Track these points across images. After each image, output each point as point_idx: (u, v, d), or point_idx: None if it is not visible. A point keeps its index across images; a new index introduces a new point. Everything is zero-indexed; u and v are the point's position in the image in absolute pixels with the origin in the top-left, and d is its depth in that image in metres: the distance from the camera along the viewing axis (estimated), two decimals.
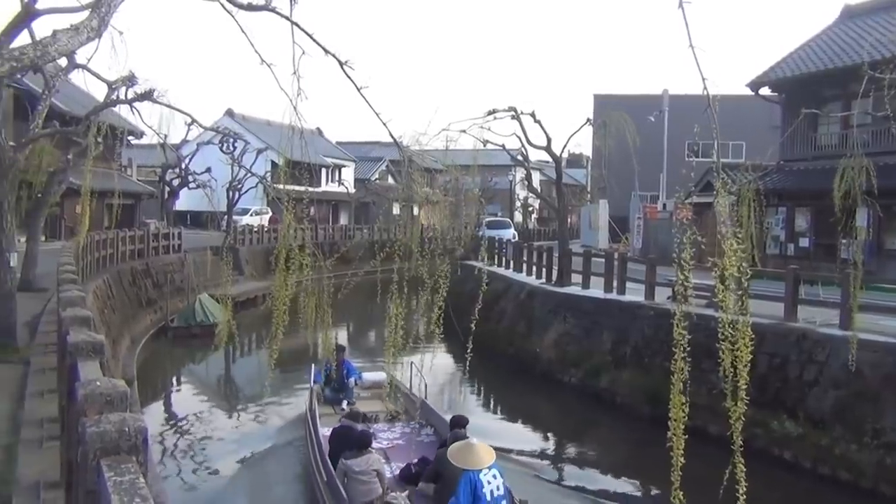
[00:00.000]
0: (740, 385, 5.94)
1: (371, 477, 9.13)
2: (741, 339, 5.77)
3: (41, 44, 3.55)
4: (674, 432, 6.18)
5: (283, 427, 15.06)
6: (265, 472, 12.55)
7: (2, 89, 12.12)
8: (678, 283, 6.28)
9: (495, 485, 8.30)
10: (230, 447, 14.18)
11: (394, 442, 11.63)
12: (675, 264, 6.34)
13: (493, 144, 22.44)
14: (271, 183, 25.77)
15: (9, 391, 9.19)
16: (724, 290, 5.56)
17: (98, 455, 2.73)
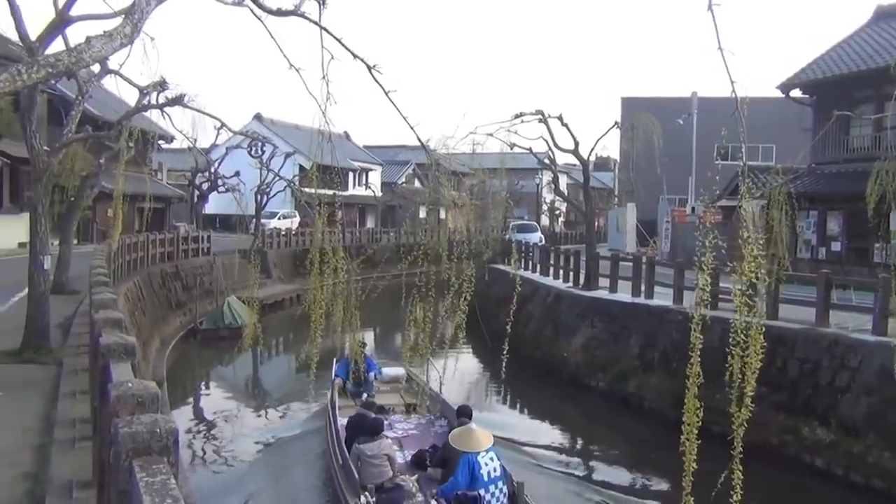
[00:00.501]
0: (747, 392, 5.88)
1: (382, 461, 9.79)
2: (753, 344, 5.72)
3: (76, 50, 3.61)
4: (686, 436, 6.17)
5: (306, 419, 15.69)
6: (287, 456, 13.39)
7: (36, 95, 12.31)
8: (698, 286, 6.25)
9: (492, 466, 9.11)
10: (255, 437, 14.97)
11: (409, 432, 12.26)
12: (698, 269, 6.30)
13: (520, 148, 22.41)
14: (299, 186, 25.93)
15: (42, 392, 9.34)
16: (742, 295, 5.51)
17: (130, 455, 2.76)
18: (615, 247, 38.30)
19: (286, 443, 14.38)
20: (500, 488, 9.09)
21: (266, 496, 11.98)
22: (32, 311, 11.81)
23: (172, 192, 41.96)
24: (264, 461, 13.46)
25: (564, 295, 22.66)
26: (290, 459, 13.24)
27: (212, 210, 47.06)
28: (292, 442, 14.36)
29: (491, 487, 9.02)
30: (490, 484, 9.02)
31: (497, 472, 9.15)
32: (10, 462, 6.72)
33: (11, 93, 3.61)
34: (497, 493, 9.05)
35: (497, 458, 9.32)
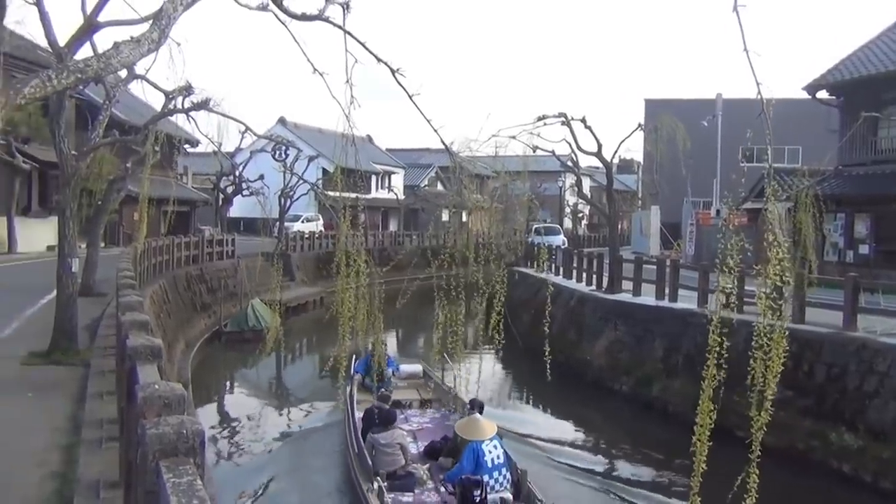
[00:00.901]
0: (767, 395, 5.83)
1: (395, 449, 10.42)
2: (775, 347, 5.67)
3: (105, 56, 3.66)
4: (698, 438, 6.15)
5: (327, 414, 16.27)
6: (307, 446, 14.14)
7: (65, 100, 12.47)
8: (719, 289, 6.21)
9: (496, 454, 9.67)
10: (277, 431, 15.82)
11: (423, 425, 12.93)
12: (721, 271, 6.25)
13: (542, 150, 22.39)
14: (322, 190, 26.07)
15: (70, 392, 9.46)
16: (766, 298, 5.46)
17: (157, 456, 2.79)
18: (639, 250, 38.03)
19: (307, 434, 15.08)
20: (503, 474, 9.63)
21: (285, 481, 12.48)
22: (61, 314, 11.96)
23: (197, 195, 42.34)
24: (285, 451, 14.14)
25: (588, 298, 22.55)
26: (310, 449, 13.90)
27: (236, 213, 47.43)
28: (313, 434, 15.01)
29: (495, 473, 9.55)
30: (494, 470, 9.56)
31: (500, 460, 9.68)
32: (38, 462, 6.81)
33: (42, 98, 3.67)
34: (500, 479, 9.58)
35: (501, 446, 9.87)
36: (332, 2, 6.21)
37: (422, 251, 28.55)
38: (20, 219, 29.00)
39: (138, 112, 28.22)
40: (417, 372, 16.01)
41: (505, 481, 9.61)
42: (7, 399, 8.84)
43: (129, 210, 31.36)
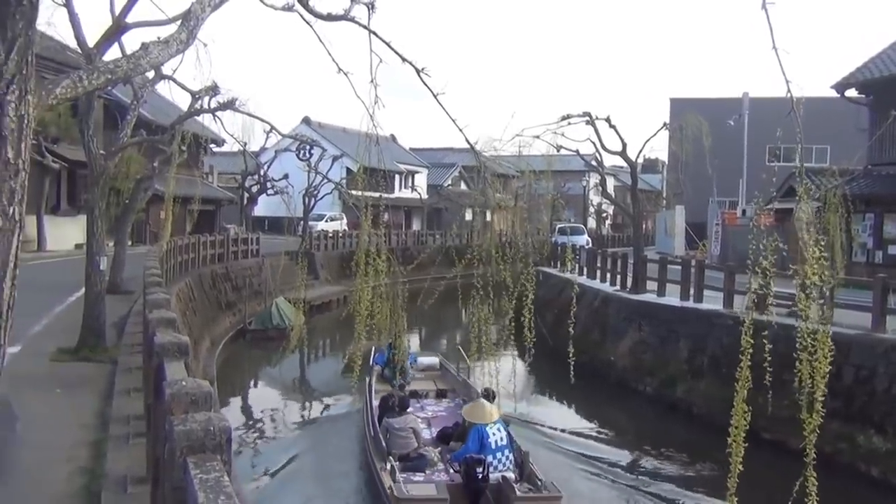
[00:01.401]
0: (817, 396, 5.76)
1: (408, 433, 11.19)
2: (821, 349, 5.60)
3: (134, 56, 3.71)
4: (734, 439, 6.11)
5: (347, 403, 17.02)
6: (327, 431, 15.18)
7: (94, 100, 12.64)
8: (751, 290, 6.14)
9: (499, 436, 10.46)
10: (300, 419, 16.92)
11: (438, 413, 13.71)
12: (752, 271, 6.19)
13: (566, 150, 22.29)
14: (346, 189, 26.17)
15: (98, 389, 9.58)
16: (806, 299, 5.39)
17: (184, 453, 2.81)
18: (663, 250, 37.77)
19: (327, 421, 16.22)
20: (506, 455, 10.42)
21: (306, 460, 13.45)
22: (89, 311, 12.12)
23: (223, 194, 42.66)
24: (307, 436, 15.19)
25: (612, 298, 22.44)
26: (330, 434, 14.85)
27: (261, 212, 47.73)
28: (333, 421, 16.05)
29: (498, 454, 10.31)
30: (497, 451, 10.32)
31: (504, 442, 10.48)
32: (67, 457, 6.91)
33: (72, 98, 3.72)
34: (503, 459, 10.36)
35: (504, 429, 10.69)
36: (358, 2, 6.24)
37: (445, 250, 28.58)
38: (49, 217, 29.40)
39: (165, 112, 28.49)
40: (434, 364, 16.95)
41: (508, 461, 10.39)
42: (36, 395, 8.97)
43: (156, 209, 31.68)
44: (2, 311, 2.85)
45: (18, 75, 2.79)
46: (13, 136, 2.82)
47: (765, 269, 5.69)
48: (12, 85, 2.78)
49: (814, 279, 5.22)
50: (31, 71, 2.87)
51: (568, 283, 27.54)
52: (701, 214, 38.80)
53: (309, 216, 39.09)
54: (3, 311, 2.85)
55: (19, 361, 9.94)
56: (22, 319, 2.90)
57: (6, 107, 2.77)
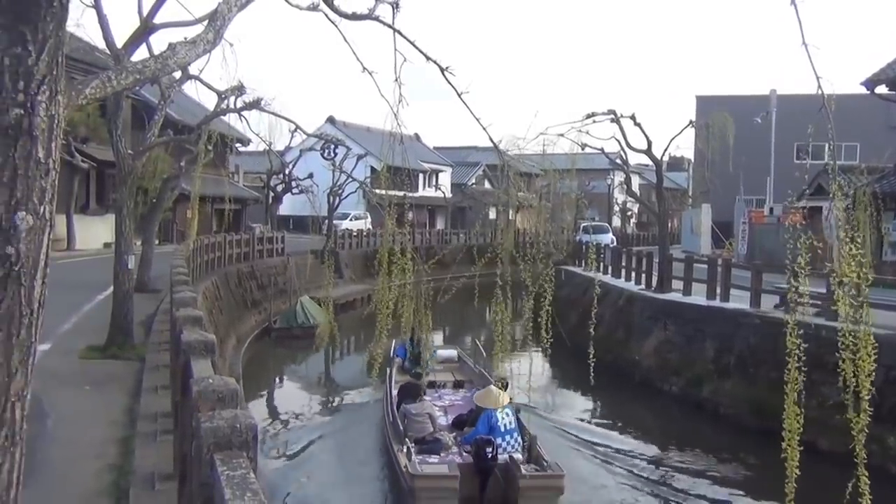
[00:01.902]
0: (863, 396, 5.66)
1: (424, 419, 11.92)
2: (863, 349, 5.50)
3: (162, 56, 3.74)
4: (788, 444, 6.00)
5: (369, 394, 17.62)
6: (350, 418, 16.09)
7: (122, 100, 12.78)
8: (790, 290, 6.05)
9: (508, 420, 11.16)
10: (324, 410, 17.81)
11: (454, 402, 14.37)
12: (787, 271, 6.11)
13: (591, 148, 22.15)
14: (371, 188, 26.26)
15: (126, 386, 9.70)
16: (842, 298, 5.29)
17: (211, 449, 2.84)
18: (689, 248, 37.47)
19: (350, 409, 17.23)
20: (514, 438, 11.09)
21: (328, 443, 14.34)
22: (117, 309, 12.25)
23: (248, 193, 42.97)
24: (330, 422, 16.11)
25: (636, 297, 22.29)
26: (353, 421, 15.69)
27: (286, 211, 48.02)
28: (356, 410, 16.94)
29: (507, 437, 11.02)
30: (506, 434, 11.02)
31: (512, 425, 11.18)
32: (95, 454, 7.00)
33: (102, 98, 3.76)
34: (512, 442, 11.05)
35: (513, 414, 11.43)
36: (382, 1, 6.25)
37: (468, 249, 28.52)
38: (78, 216, 29.78)
39: (192, 112, 28.72)
40: (452, 356, 17.73)
41: (516, 444, 11.08)
42: (66, 392, 9.09)
43: (183, 208, 31.97)
44: (33, 309, 2.88)
45: (49, 76, 2.82)
46: (44, 135, 2.85)
47: (798, 268, 5.60)
48: (43, 85, 2.81)
49: (850, 277, 5.12)
50: (62, 71, 2.90)
51: (592, 282, 27.45)
52: (727, 213, 38.43)
53: (333, 215, 39.25)
54: (34, 309, 2.89)
55: (49, 359, 10.08)
56: (52, 317, 2.95)
57: (37, 107, 2.80)
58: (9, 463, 2.88)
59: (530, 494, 10.17)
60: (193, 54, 3.76)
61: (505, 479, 10.60)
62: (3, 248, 2.79)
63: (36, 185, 2.84)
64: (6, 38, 2.76)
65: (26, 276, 2.84)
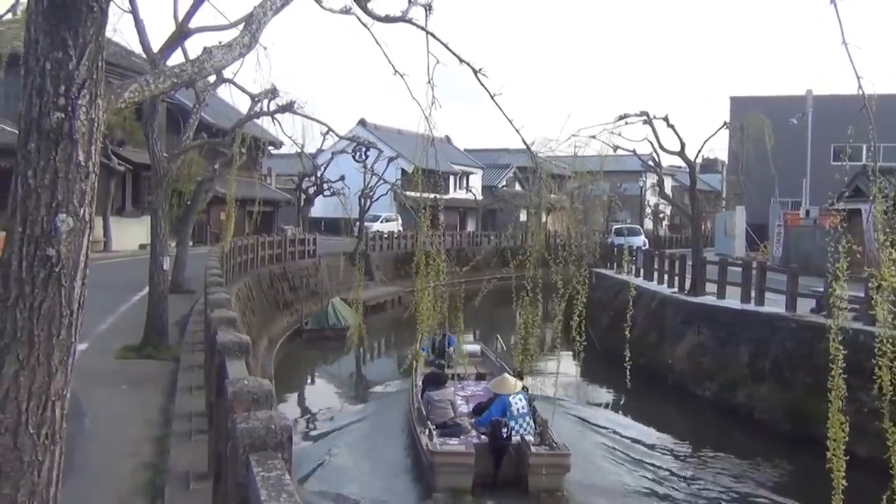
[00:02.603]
0: None
1: (446, 405, 12.90)
2: None
3: (198, 60, 3.78)
4: (833, 453, 5.87)
5: (399, 384, 18.94)
6: (378, 406, 17.30)
7: (158, 104, 12.96)
8: (828, 294, 5.94)
9: (521, 405, 12.14)
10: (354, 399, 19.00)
11: (476, 393, 15.19)
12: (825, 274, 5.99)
13: (623, 150, 22.01)
14: (402, 190, 26.32)
15: (161, 386, 9.81)
16: (881, 303, 5.18)
17: (247, 450, 2.86)
18: (723, 251, 37.02)
19: (379, 400, 18.18)
20: (527, 422, 12.09)
21: (357, 427, 15.35)
22: (152, 310, 12.41)
23: (281, 195, 43.29)
24: (360, 411, 17.15)
25: (669, 300, 22.08)
26: (381, 409, 16.84)
27: (317, 213, 48.29)
28: (384, 399, 18.09)
29: (519, 420, 11.98)
30: (519, 418, 11.99)
31: (524, 410, 12.18)
32: (131, 452, 7.09)
33: (139, 102, 3.81)
34: (524, 425, 12.01)
35: (525, 399, 12.40)
36: (415, 3, 6.25)
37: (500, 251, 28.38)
38: (114, 218, 30.28)
39: (225, 115, 29.04)
40: (476, 351, 18.60)
41: (528, 427, 12.07)
42: (103, 391, 9.22)
43: (216, 210, 32.35)
44: (73, 310, 2.93)
45: (89, 80, 2.86)
46: (84, 139, 2.89)
47: (837, 272, 5.48)
48: (83, 89, 2.85)
49: (890, 282, 5.00)
50: (101, 75, 2.94)
51: (624, 284, 27.22)
52: (762, 215, 37.92)
53: (364, 217, 39.42)
54: (74, 310, 2.93)
55: (87, 358, 10.22)
56: (89, 317, 2.99)
57: (77, 110, 2.85)
58: (49, 461, 2.93)
59: (539, 471, 11.16)
60: (230, 58, 3.80)
61: (517, 457, 11.59)
62: (44, 249, 2.84)
63: (76, 187, 2.88)
64: (48, 43, 2.81)
65: (67, 277, 2.89)
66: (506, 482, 11.47)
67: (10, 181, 2.91)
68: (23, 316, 2.82)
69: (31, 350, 2.82)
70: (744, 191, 40.21)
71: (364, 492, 11.94)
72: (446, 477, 11.18)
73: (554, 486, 11.31)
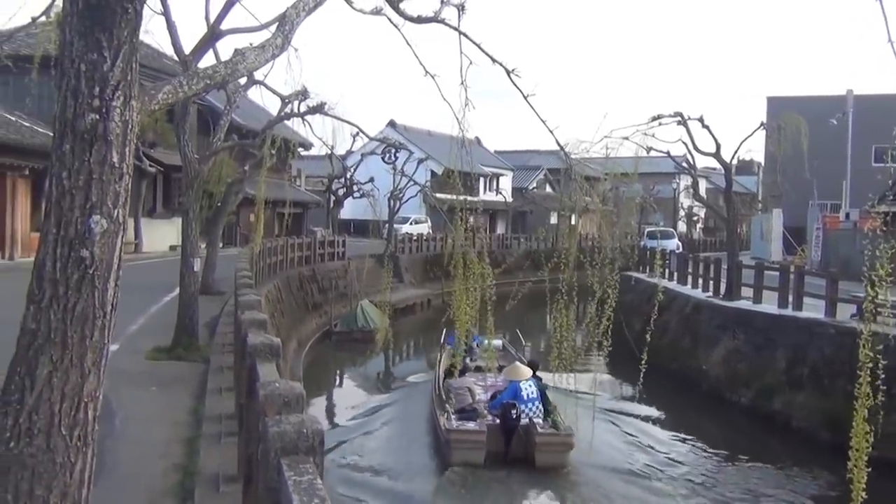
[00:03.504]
0: None
1: (464, 392, 14.22)
2: None
3: (231, 62, 3.80)
4: (854, 463, 5.75)
5: (424, 376, 20.35)
6: (409, 393, 19.15)
7: (189, 106, 13.10)
8: (867, 299, 5.82)
9: (531, 391, 13.48)
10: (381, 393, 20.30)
11: (496, 383, 15.71)
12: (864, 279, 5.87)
13: (657, 151, 21.81)
14: (432, 192, 26.35)
15: (191, 387, 9.90)
16: None
17: (278, 454, 2.86)
18: (759, 255, 36.55)
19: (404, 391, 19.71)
20: (536, 406, 13.41)
21: (383, 412, 17.02)
22: (183, 311, 12.54)
23: (310, 197, 43.58)
24: (386, 399, 18.87)
25: (704, 305, 21.83)
26: (406, 398, 18.53)
27: (347, 215, 48.58)
28: (412, 387, 19.79)
29: (529, 404, 13.30)
30: (529, 402, 13.31)
31: (534, 395, 13.47)
32: (161, 453, 7.16)
33: (173, 103, 3.84)
34: (534, 409, 13.34)
35: (535, 385, 13.67)
36: (448, 3, 6.24)
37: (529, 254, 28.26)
38: (145, 220, 30.70)
39: (255, 117, 29.34)
40: (498, 346, 19.31)
41: (538, 410, 13.37)
42: (133, 392, 9.33)
43: (246, 211, 32.64)
44: (106, 312, 2.95)
45: (123, 81, 2.89)
46: (118, 140, 2.91)
47: (877, 277, 5.37)
48: (118, 91, 2.88)
49: None
50: (136, 77, 2.96)
51: (657, 288, 26.96)
52: (800, 218, 37.37)
53: (394, 219, 39.56)
54: (108, 312, 2.96)
55: (118, 359, 10.30)
56: (120, 318, 3.01)
57: (112, 112, 2.87)
58: (81, 462, 2.95)
59: (545, 449, 12.65)
60: (262, 59, 3.82)
61: (526, 437, 12.88)
62: (78, 251, 2.87)
63: (110, 189, 2.91)
64: (82, 45, 2.84)
65: (100, 279, 2.92)
66: (515, 459, 12.72)
67: (44, 183, 2.95)
68: (56, 317, 2.85)
69: (64, 351, 2.85)
70: (781, 193, 39.65)
71: (386, 465, 13.41)
72: (461, 453, 12.64)
73: (558, 463, 12.71)
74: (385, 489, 12.50)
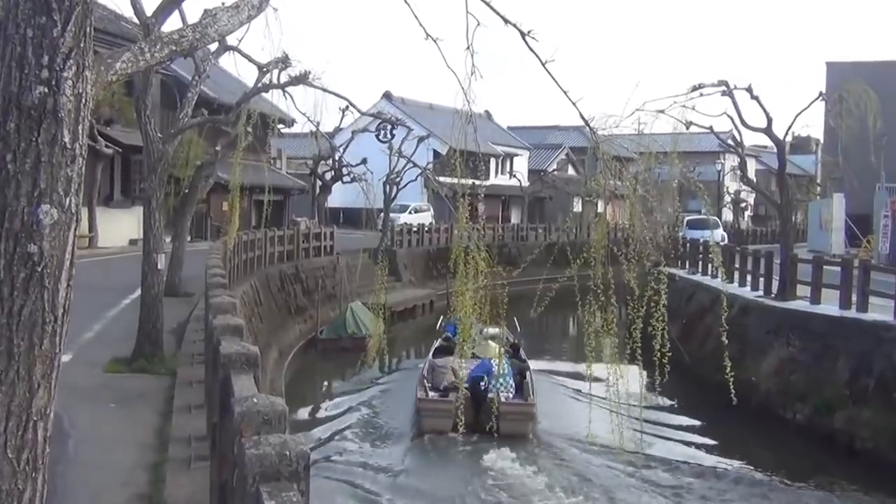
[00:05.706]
0: None
1: (447, 370, 17.64)
2: None
3: (200, 25, 3.80)
4: None
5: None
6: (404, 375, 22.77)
7: (151, 77, 13.11)
8: None
9: (504, 367, 16.50)
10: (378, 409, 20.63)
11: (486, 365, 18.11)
12: None
13: (698, 127, 21.80)
14: (435, 176, 26.35)
15: (155, 404, 9.95)
16: None
17: (257, 480, 2.88)
18: (818, 247, 36.56)
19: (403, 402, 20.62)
20: (507, 381, 17.38)
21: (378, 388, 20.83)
22: (145, 315, 12.55)
23: (292, 182, 43.53)
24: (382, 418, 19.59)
25: (752, 306, 21.85)
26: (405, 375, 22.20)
27: (336, 203, 48.57)
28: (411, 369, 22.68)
29: (501, 380, 16.80)
30: (500, 378, 16.67)
31: (505, 371, 16.84)
32: (123, 481, 7.21)
33: (132, 74, 3.85)
34: (504, 382, 17.06)
35: (507, 362, 17.09)
36: None
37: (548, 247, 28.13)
38: (101, 209, 30.62)
39: (228, 89, 29.35)
40: (498, 334, 21.20)
41: (509, 385, 17.49)
42: (90, 410, 9.38)
43: (217, 199, 32.68)
44: (57, 316, 2.95)
45: (76, 49, 2.88)
46: (70, 117, 2.90)
47: None
48: (69, 60, 2.87)
49: None
50: (90, 44, 2.96)
51: (699, 286, 26.98)
52: (866, 204, 37.32)
53: (390, 207, 39.53)
54: (59, 316, 2.95)
55: (71, 372, 10.37)
56: (74, 324, 3.01)
57: (63, 84, 2.86)
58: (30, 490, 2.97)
59: (510, 417, 16.11)
60: (236, 22, 3.82)
61: (494, 409, 15.35)
62: (24, 246, 2.87)
63: (61, 173, 2.90)
64: (30, 6, 2.83)
65: (50, 277, 2.92)
66: (482, 429, 15.40)
67: None
68: (0, 323, 2.85)
69: (9, 362, 2.85)
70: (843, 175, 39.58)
71: (365, 436, 17.14)
72: (430, 420, 16.42)
73: (521, 431, 16.32)
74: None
